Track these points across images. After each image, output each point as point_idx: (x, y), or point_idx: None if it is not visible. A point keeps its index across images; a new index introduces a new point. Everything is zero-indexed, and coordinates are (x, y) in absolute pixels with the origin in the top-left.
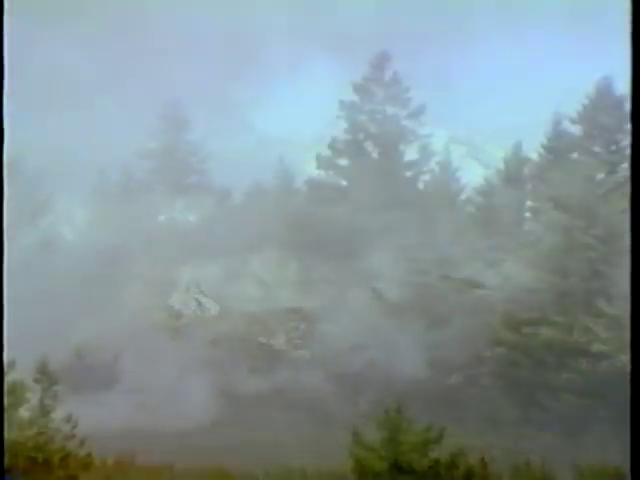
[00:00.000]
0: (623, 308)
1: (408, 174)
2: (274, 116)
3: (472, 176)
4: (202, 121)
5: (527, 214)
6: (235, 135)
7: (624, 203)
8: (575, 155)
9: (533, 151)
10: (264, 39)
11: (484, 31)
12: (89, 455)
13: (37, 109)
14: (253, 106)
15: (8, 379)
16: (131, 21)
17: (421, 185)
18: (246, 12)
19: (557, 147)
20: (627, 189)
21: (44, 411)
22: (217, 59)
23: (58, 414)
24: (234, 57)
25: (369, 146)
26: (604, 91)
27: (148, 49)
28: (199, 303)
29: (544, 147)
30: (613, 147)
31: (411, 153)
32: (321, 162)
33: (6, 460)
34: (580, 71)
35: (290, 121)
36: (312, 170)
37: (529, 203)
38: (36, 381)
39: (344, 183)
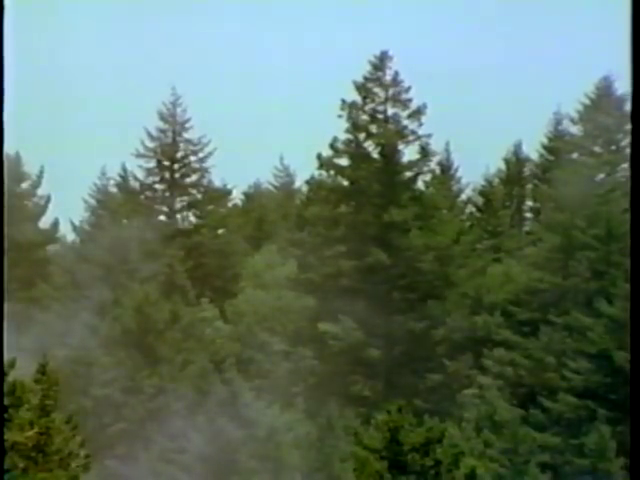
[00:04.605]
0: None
1: (408, 174)
2: None
3: (472, 176)
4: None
5: (527, 214)
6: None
7: (624, 203)
8: (575, 155)
9: (533, 151)
10: None
11: (485, 30)
12: (89, 455)
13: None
14: None
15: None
16: None
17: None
18: None
19: (557, 147)
20: (627, 189)
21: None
22: None
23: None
24: None
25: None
26: (604, 91)
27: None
28: None
29: (544, 147)
30: (613, 147)
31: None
32: (322, 162)
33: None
34: (581, 71)
35: None
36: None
37: (529, 203)
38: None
39: (345, 183)
